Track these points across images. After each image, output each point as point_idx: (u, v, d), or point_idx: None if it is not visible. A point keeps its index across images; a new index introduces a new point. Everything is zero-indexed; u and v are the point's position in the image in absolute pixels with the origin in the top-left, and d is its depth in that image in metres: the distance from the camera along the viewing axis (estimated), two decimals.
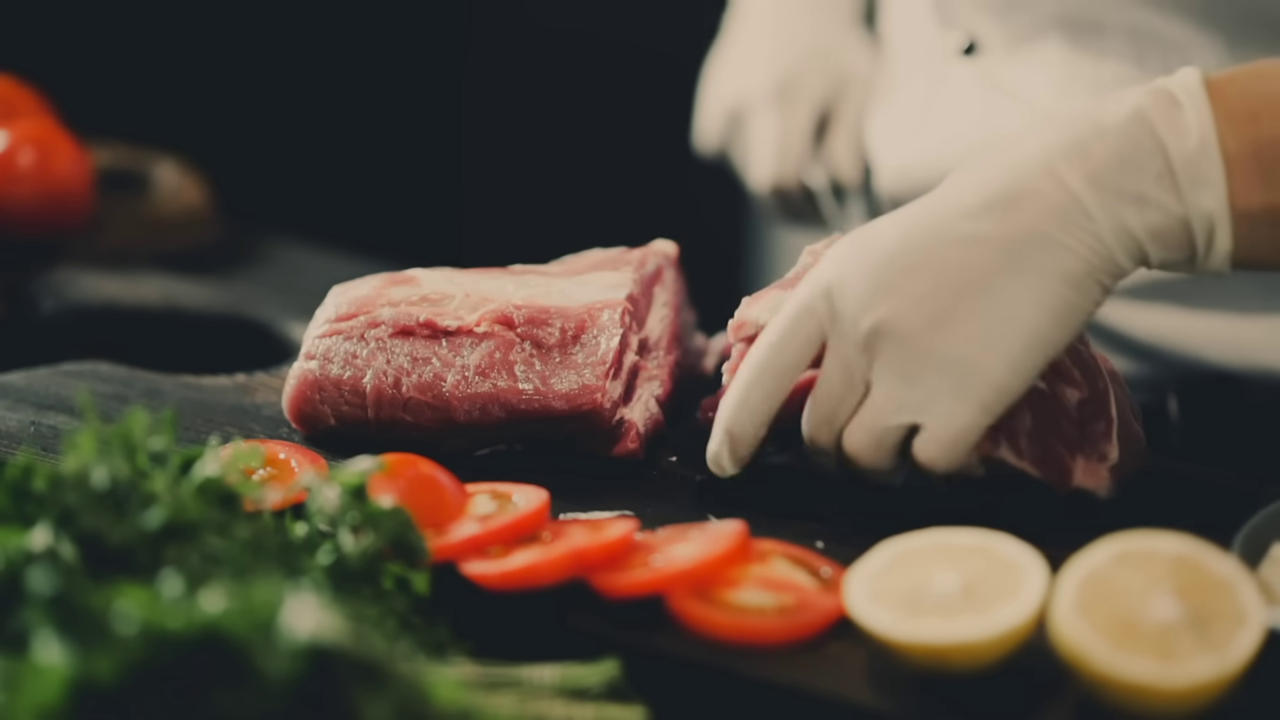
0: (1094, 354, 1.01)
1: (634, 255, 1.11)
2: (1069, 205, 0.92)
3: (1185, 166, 0.91)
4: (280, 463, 0.98)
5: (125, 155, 1.64)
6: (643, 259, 1.11)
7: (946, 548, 0.85)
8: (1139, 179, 0.92)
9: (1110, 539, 0.82)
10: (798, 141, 1.41)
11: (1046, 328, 0.92)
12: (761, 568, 0.89)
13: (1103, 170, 0.91)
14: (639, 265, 1.10)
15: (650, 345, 1.08)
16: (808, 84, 1.41)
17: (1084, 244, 0.92)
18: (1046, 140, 0.93)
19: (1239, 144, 0.92)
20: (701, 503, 1.00)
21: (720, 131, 1.48)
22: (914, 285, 0.92)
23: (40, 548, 0.75)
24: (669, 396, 1.09)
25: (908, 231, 0.93)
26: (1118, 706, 0.79)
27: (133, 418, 0.83)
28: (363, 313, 1.05)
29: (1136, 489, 1.01)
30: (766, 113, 1.42)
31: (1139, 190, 0.92)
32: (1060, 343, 0.93)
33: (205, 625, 0.70)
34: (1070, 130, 0.93)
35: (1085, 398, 0.99)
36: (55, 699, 0.68)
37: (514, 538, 0.91)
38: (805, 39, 1.43)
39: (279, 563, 0.81)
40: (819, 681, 0.83)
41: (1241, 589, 0.79)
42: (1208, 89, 0.93)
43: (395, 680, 0.72)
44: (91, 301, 1.42)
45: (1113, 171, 0.92)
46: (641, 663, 0.83)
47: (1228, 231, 0.92)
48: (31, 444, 1.04)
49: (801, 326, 0.95)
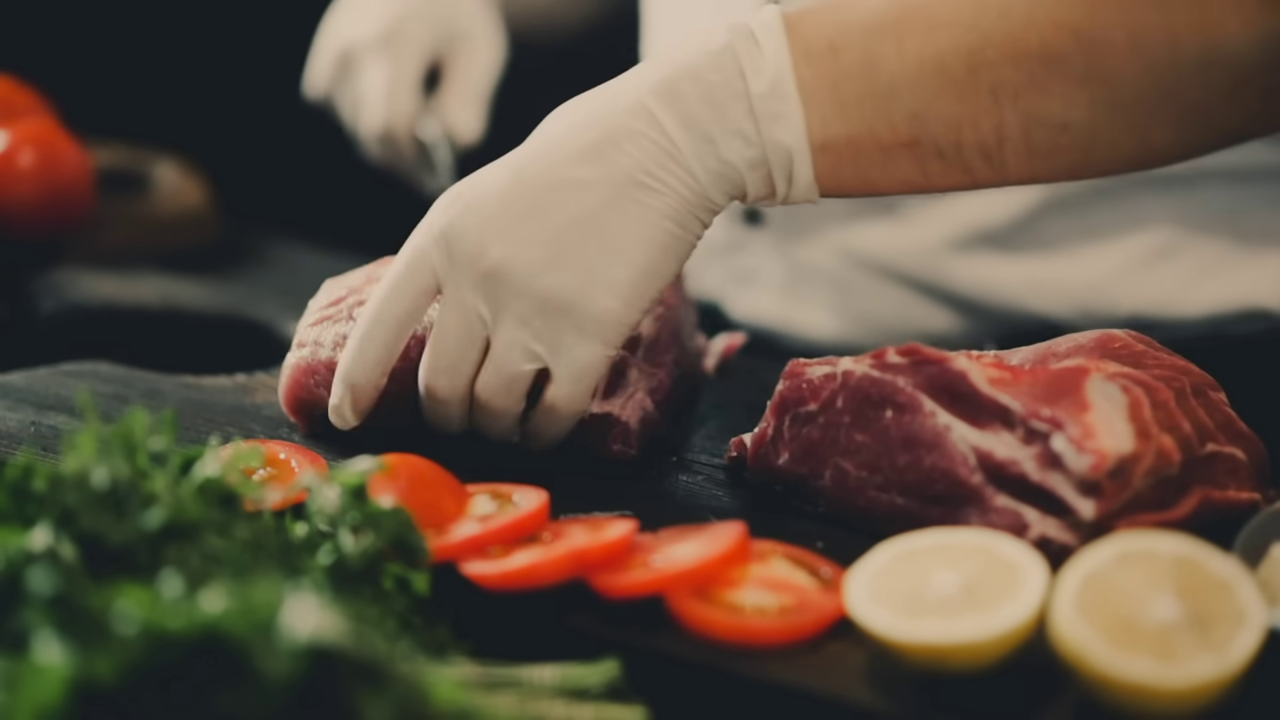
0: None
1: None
2: (665, 146, 0.95)
3: (762, 103, 0.95)
4: (280, 463, 0.98)
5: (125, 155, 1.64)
6: None
7: (946, 548, 0.85)
8: (725, 118, 0.95)
9: (1111, 539, 0.82)
10: (406, 88, 1.44)
11: (656, 262, 0.96)
12: (761, 568, 0.89)
13: (693, 111, 0.95)
14: None
15: (642, 341, 1.08)
16: (415, 33, 1.45)
17: (682, 182, 0.96)
18: (641, 81, 0.97)
19: (816, 78, 0.95)
20: (701, 503, 1.00)
21: (328, 77, 1.51)
22: (524, 229, 0.96)
23: (40, 548, 0.75)
24: (667, 396, 1.09)
25: (517, 178, 0.96)
26: (1118, 707, 0.79)
27: (133, 418, 0.83)
28: (351, 295, 1.06)
29: None
30: (374, 58, 1.45)
31: (726, 129, 0.95)
32: (670, 274, 0.98)
33: (205, 625, 0.70)
34: (662, 71, 0.96)
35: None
36: (55, 699, 0.68)
37: (514, 538, 0.91)
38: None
39: (279, 563, 0.81)
40: (819, 682, 0.83)
41: (1241, 589, 0.79)
42: (786, 24, 0.96)
43: (395, 680, 0.72)
44: (92, 301, 1.42)
45: (702, 112, 0.95)
46: (641, 663, 0.83)
47: (808, 164, 0.96)
48: (32, 444, 1.04)
49: (415, 274, 0.98)
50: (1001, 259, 1.29)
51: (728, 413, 1.13)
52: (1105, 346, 0.99)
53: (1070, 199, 1.27)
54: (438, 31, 1.46)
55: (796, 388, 1.00)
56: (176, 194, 1.58)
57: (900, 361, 0.96)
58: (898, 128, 0.96)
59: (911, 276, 1.30)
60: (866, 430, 0.97)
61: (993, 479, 0.93)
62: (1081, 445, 0.90)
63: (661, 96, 0.96)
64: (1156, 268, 1.27)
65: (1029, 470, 0.91)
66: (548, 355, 0.97)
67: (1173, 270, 1.27)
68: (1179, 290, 1.28)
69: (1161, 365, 0.97)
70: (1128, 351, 0.98)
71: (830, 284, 1.33)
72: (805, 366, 1.00)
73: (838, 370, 0.98)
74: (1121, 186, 1.26)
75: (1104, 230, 1.27)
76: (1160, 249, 1.27)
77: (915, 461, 0.95)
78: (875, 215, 1.31)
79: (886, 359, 0.97)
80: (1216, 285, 1.28)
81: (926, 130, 0.96)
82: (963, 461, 0.93)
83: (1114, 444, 0.90)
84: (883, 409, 0.96)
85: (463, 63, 1.47)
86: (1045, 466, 0.91)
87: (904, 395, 0.96)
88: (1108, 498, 0.90)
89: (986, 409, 0.93)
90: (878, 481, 0.96)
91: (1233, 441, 0.96)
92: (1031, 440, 0.92)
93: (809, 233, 1.33)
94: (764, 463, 1.01)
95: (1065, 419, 0.91)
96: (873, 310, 1.32)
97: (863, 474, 0.97)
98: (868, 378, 0.97)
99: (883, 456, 0.96)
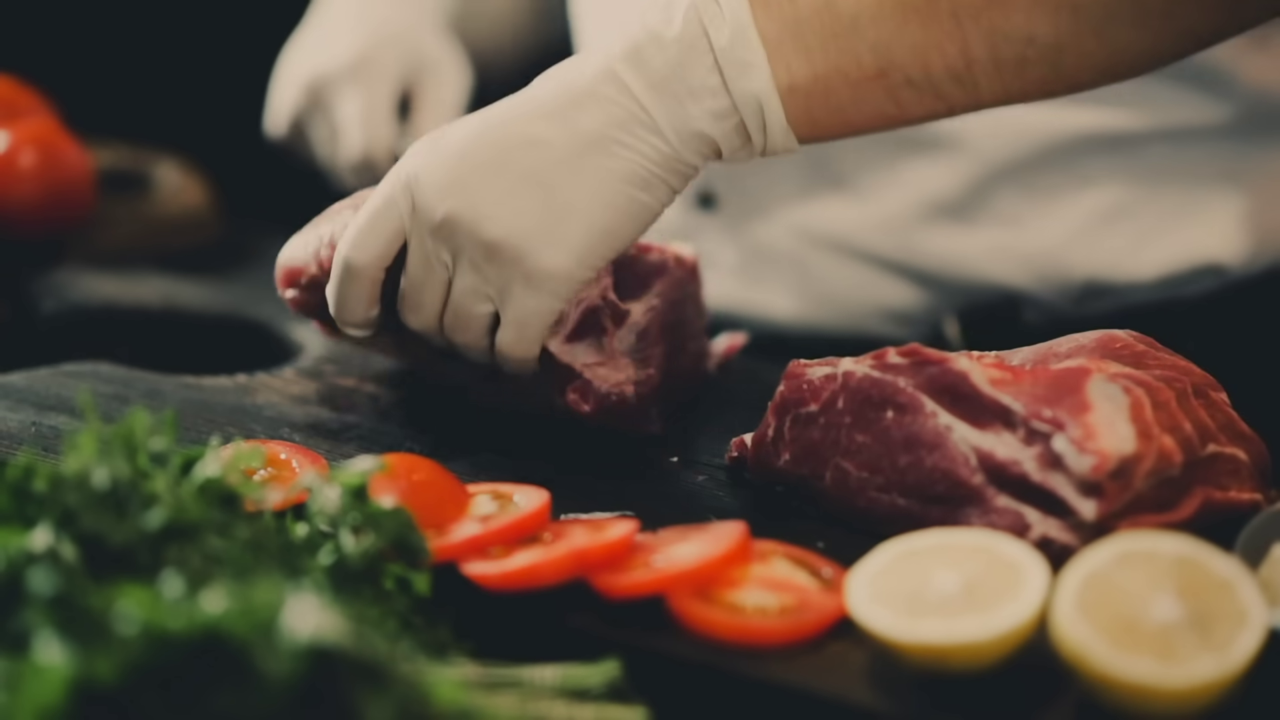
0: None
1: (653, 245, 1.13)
2: (632, 110, 0.98)
3: (727, 56, 0.97)
4: (281, 463, 0.98)
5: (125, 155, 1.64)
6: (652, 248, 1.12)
7: (947, 548, 0.85)
8: (693, 78, 0.97)
9: (1112, 539, 0.82)
10: (382, 115, 1.45)
11: (612, 223, 0.98)
12: (762, 568, 0.89)
13: (661, 75, 0.97)
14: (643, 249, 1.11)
15: (629, 322, 1.08)
16: (385, 62, 1.46)
17: (650, 146, 0.98)
18: (609, 48, 0.99)
19: (777, 25, 0.97)
20: (702, 503, 1.00)
21: (296, 111, 1.51)
22: (484, 181, 0.98)
23: (41, 548, 0.75)
24: (658, 390, 1.08)
25: (482, 131, 0.99)
26: (1119, 707, 0.79)
27: (133, 418, 0.83)
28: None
29: None
30: (347, 88, 1.46)
31: (694, 89, 0.97)
32: (631, 236, 1.00)
33: (206, 626, 0.70)
34: (627, 37, 0.98)
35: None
36: (56, 699, 0.68)
37: (515, 538, 0.91)
38: (382, 22, 1.48)
39: (280, 563, 0.81)
40: (820, 682, 0.83)
41: (1242, 589, 0.79)
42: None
43: (396, 681, 0.72)
44: (92, 302, 1.42)
45: (671, 75, 0.97)
46: (642, 663, 0.83)
47: (778, 109, 0.97)
48: (32, 444, 1.04)
49: (383, 220, 1.02)
50: (956, 230, 1.31)
51: (729, 413, 1.13)
52: (1106, 347, 0.99)
53: (1018, 166, 1.29)
54: (406, 60, 1.47)
55: (797, 388, 1.00)
56: (177, 194, 1.58)
57: (901, 362, 0.96)
58: (864, 62, 0.97)
59: (867, 252, 1.32)
60: (867, 431, 0.97)
61: (994, 479, 0.93)
62: (1083, 446, 0.90)
63: (628, 60, 0.98)
64: (1108, 230, 1.30)
65: (1030, 471, 0.91)
66: (497, 300, 1.01)
67: (1124, 231, 1.30)
68: (1132, 251, 1.30)
69: (1163, 365, 0.97)
70: (1129, 352, 0.98)
71: (787, 264, 1.34)
72: (806, 367, 1.00)
73: (838, 371, 0.98)
74: (1068, 150, 1.28)
75: (1054, 195, 1.30)
76: (1110, 211, 1.30)
77: (916, 462, 0.95)
78: (828, 192, 1.32)
79: (887, 359, 0.97)
80: (1168, 244, 1.30)
81: (893, 61, 0.97)
82: (964, 462, 0.93)
83: (1115, 445, 0.90)
84: (884, 409, 0.96)
85: (432, 89, 1.48)
86: (1046, 467, 0.91)
87: (905, 396, 0.96)
88: (1109, 498, 0.90)
89: (988, 409, 0.93)
90: (878, 482, 0.96)
91: (1234, 442, 0.96)
92: (1033, 441, 0.92)
93: (762, 213, 1.34)
94: (764, 463, 1.01)
95: (1067, 420, 0.91)
96: (831, 288, 1.34)
97: (863, 474, 0.97)
98: (868, 378, 0.97)
99: (884, 457, 0.96)
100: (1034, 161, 1.29)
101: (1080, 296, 1.31)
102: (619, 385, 1.05)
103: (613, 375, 1.05)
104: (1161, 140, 1.28)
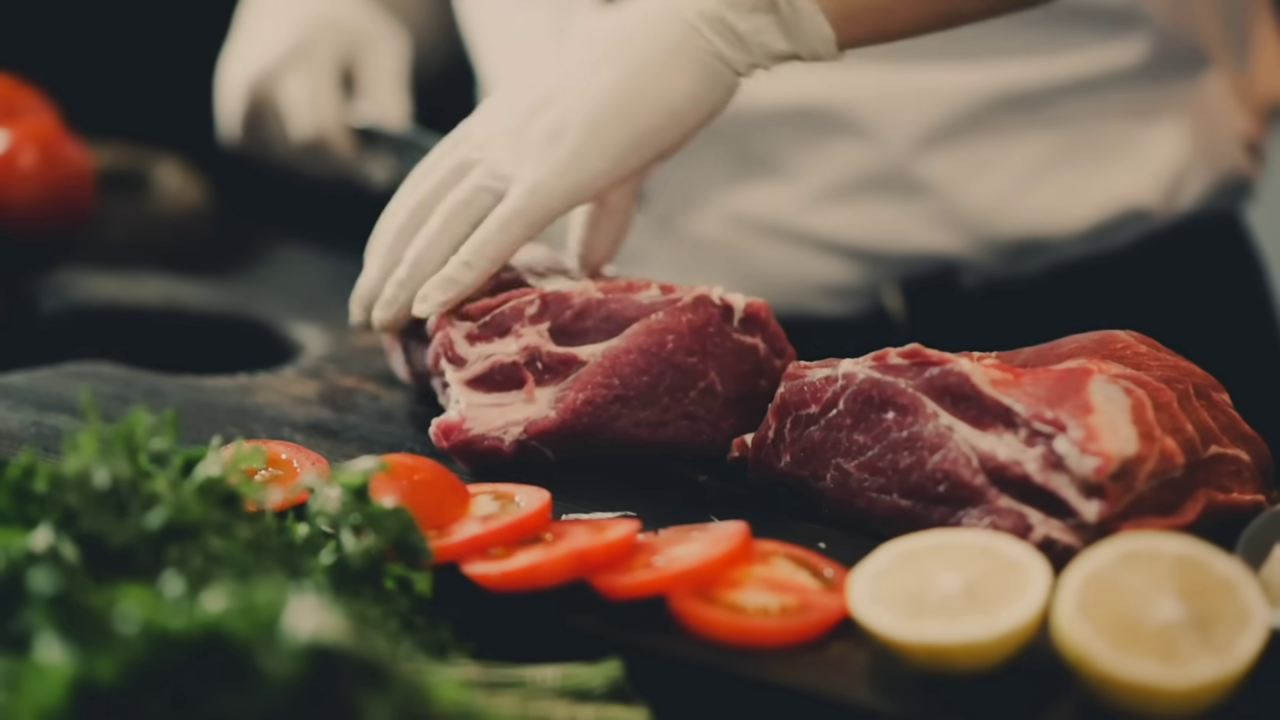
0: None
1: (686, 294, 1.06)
2: (686, 30, 1.02)
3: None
4: (282, 463, 0.98)
5: (126, 155, 1.64)
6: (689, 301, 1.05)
7: (949, 548, 0.85)
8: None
9: (1113, 540, 0.82)
10: (326, 92, 1.47)
11: (659, 125, 1.02)
12: (764, 568, 0.89)
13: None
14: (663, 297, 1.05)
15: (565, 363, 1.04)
16: (321, 44, 1.48)
17: (709, 52, 1.02)
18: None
19: None
20: (703, 503, 1.00)
21: (244, 114, 1.52)
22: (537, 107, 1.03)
23: (42, 548, 0.75)
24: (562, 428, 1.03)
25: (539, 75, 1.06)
26: (1120, 707, 0.79)
27: (134, 418, 0.83)
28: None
29: None
30: (289, 76, 1.47)
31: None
32: (673, 142, 1.03)
33: (207, 626, 0.70)
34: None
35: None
36: (56, 699, 0.68)
37: (516, 538, 0.91)
38: (315, 13, 1.50)
39: (281, 563, 0.81)
40: (822, 682, 0.83)
41: (1244, 590, 0.79)
42: None
43: (397, 681, 0.71)
44: (93, 302, 1.42)
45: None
46: (643, 664, 0.83)
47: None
48: (33, 444, 1.04)
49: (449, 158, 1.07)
50: (886, 203, 1.33)
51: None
52: (1108, 347, 0.99)
53: (941, 134, 1.32)
54: (341, 39, 1.49)
55: (797, 390, 0.99)
56: (177, 194, 1.58)
57: (901, 363, 0.96)
58: None
59: (800, 232, 1.34)
60: (868, 432, 0.97)
61: (996, 480, 0.93)
62: (1085, 447, 0.90)
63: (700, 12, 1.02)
64: (1036, 186, 1.33)
65: (1032, 472, 0.91)
66: (515, 175, 1.03)
67: (1051, 186, 1.33)
68: (1060, 205, 1.33)
69: (1164, 366, 0.97)
70: (1130, 352, 0.98)
71: (722, 252, 1.36)
72: (806, 369, 1.00)
73: (838, 372, 0.98)
74: (988, 113, 1.31)
75: (979, 159, 1.32)
76: (1036, 168, 1.33)
77: (918, 463, 0.95)
78: (756, 177, 1.34)
79: (888, 361, 0.97)
80: (1093, 192, 1.33)
81: None
82: (965, 463, 0.93)
83: (1117, 446, 0.90)
84: (884, 411, 0.96)
85: (371, 62, 1.50)
86: (1048, 468, 0.91)
87: (906, 397, 0.96)
88: (1111, 500, 0.89)
89: (989, 410, 0.93)
90: (880, 483, 0.96)
91: (1236, 443, 0.96)
92: (1035, 442, 0.92)
93: (692, 205, 1.36)
94: (765, 465, 1.01)
95: (1068, 421, 0.90)
96: (768, 271, 1.35)
97: (864, 476, 0.97)
98: (869, 380, 0.97)
99: (885, 458, 0.96)
100: (956, 128, 1.32)
101: (1015, 256, 1.34)
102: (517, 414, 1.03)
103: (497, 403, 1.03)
104: (1077, 90, 1.32)
